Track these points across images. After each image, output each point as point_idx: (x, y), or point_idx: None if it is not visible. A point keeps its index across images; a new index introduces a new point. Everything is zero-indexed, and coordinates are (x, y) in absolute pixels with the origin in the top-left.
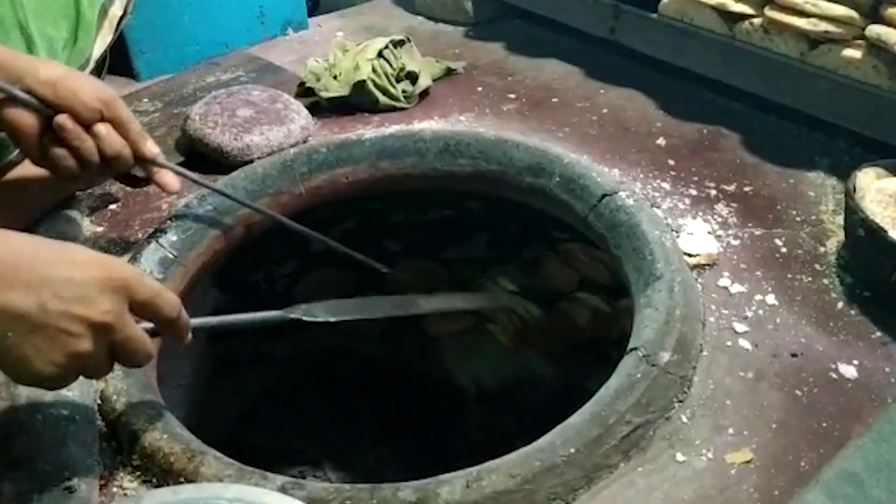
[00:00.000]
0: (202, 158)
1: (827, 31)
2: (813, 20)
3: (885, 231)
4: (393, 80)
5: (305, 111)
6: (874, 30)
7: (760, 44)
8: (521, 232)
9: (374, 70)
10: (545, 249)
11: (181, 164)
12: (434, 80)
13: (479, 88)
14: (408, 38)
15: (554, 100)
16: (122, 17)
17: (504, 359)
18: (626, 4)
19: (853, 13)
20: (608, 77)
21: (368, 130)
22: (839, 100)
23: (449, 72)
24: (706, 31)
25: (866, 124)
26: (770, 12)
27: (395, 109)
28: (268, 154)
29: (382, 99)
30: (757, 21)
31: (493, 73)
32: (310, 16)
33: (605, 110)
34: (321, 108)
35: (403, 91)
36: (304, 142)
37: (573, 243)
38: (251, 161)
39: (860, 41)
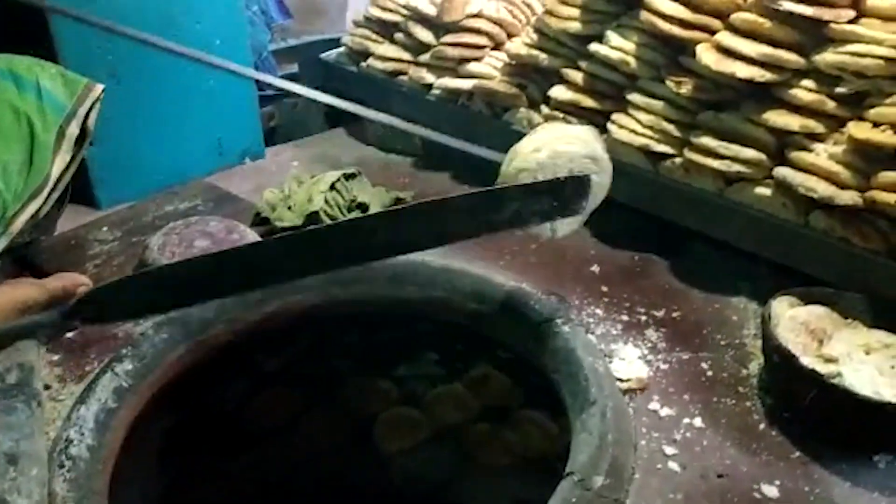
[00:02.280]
0: None
1: (739, 172)
2: (726, 162)
3: (797, 357)
4: (345, 211)
5: None
6: (780, 172)
7: (683, 180)
8: (468, 352)
9: (326, 201)
10: (492, 368)
11: None
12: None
13: None
14: (359, 172)
15: None
16: (83, 138)
17: (456, 477)
18: None
19: (761, 156)
20: None
21: None
22: (756, 231)
23: (398, 201)
24: (633, 168)
25: (781, 254)
26: (689, 154)
27: None
28: None
29: None
30: (678, 160)
31: None
32: (266, 145)
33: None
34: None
35: None
36: None
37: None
38: None
39: (770, 180)
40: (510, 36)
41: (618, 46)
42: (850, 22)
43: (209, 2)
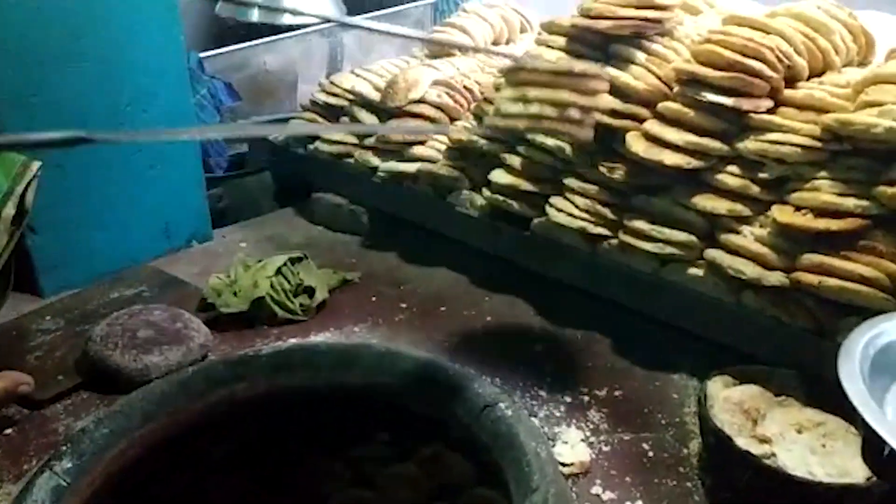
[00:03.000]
0: (102, 379)
1: (672, 254)
2: (659, 244)
3: (732, 439)
4: (290, 296)
5: (205, 329)
6: (710, 254)
7: (620, 260)
8: (418, 432)
9: (272, 286)
10: (443, 447)
11: (80, 386)
12: (331, 291)
13: (374, 298)
14: (305, 255)
15: (442, 308)
16: (21, 216)
17: None
18: (503, 222)
19: (692, 237)
20: (492, 285)
21: (265, 345)
22: (691, 310)
23: (345, 282)
24: (573, 248)
25: (717, 332)
26: (623, 236)
27: (293, 322)
28: (167, 373)
29: (281, 313)
30: (615, 241)
31: (387, 283)
32: (214, 226)
33: (489, 318)
34: (222, 321)
35: (301, 304)
36: (204, 358)
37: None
38: (150, 381)
39: (702, 260)
40: (452, 119)
41: None
42: (769, 111)
43: (155, 91)
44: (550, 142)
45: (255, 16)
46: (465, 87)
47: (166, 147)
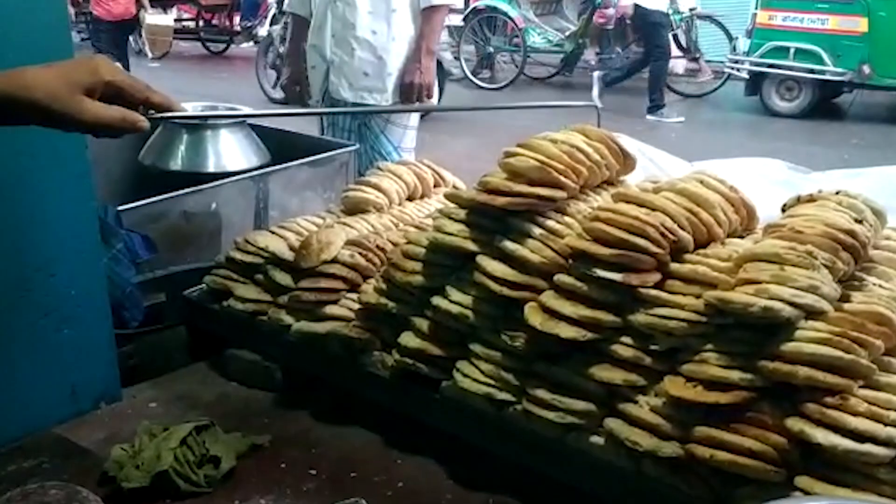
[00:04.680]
0: None
1: (573, 423)
2: (560, 413)
3: None
4: (195, 467)
5: None
6: (608, 423)
7: (526, 426)
8: None
9: (176, 458)
10: None
11: None
12: (239, 458)
13: (283, 465)
14: (212, 422)
15: (353, 474)
16: None
17: None
18: (413, 384)
19: (592, 406)
20: (404, 445)
21: None
22: (595, 476)
23: (254, 447)
24: (480, 412)
25: (620, 497)
26: (526, 404)
27: (197, 495)
28: None
29: (184, 486)
30: (520, 407)
31: (298, 446)
32: (125, 384)
33: (400, 483)
34: (123, 495)
35: (206, 476)
36: None
37: None
38: None
39: (603, 428)
40: (366, 278)
41: (457, 301)
42: (658, 284)
43: (63, 255)
44: (455, 309)
45: (178, 164)
46: (377, 245)
47: (76, 309)
